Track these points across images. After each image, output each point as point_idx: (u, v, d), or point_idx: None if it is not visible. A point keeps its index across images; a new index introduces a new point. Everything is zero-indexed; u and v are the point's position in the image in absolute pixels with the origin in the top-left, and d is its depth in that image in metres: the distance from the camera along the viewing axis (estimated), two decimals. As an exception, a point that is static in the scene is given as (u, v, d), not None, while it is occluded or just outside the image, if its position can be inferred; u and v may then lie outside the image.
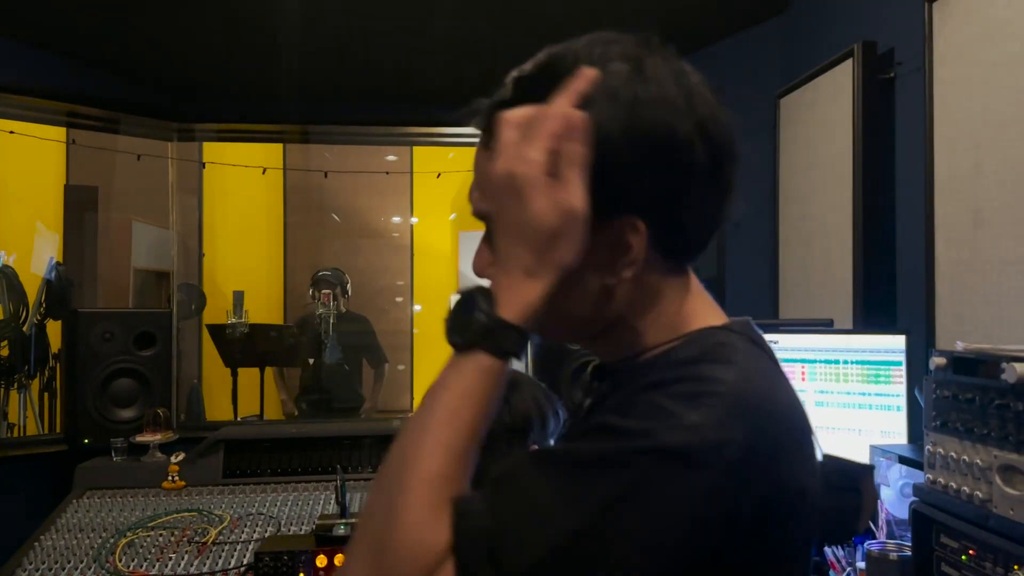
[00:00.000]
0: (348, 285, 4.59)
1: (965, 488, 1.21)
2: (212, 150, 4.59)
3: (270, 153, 5.92)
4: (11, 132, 3.12)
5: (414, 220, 6.46)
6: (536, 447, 1.36)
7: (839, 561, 1.69)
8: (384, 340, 5.06)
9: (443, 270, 6.47)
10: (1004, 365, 1.12)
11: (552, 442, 1.44)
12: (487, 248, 0.76)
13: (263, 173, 4.40)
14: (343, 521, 1.86)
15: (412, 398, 6.30)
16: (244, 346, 4.15)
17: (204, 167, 4.22)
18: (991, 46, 1.72)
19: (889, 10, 2.23)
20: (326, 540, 1.81)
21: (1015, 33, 1.65)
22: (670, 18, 2.94)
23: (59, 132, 3.77)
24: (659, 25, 2.72)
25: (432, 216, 6.47)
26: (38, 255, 4.43)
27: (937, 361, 1.29)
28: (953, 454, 1.24)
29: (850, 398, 1.86)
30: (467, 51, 3.17)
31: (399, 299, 6.39)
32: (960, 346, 1.28)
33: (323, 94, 3.57)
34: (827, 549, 1.73)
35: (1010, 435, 1.13)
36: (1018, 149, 1.64)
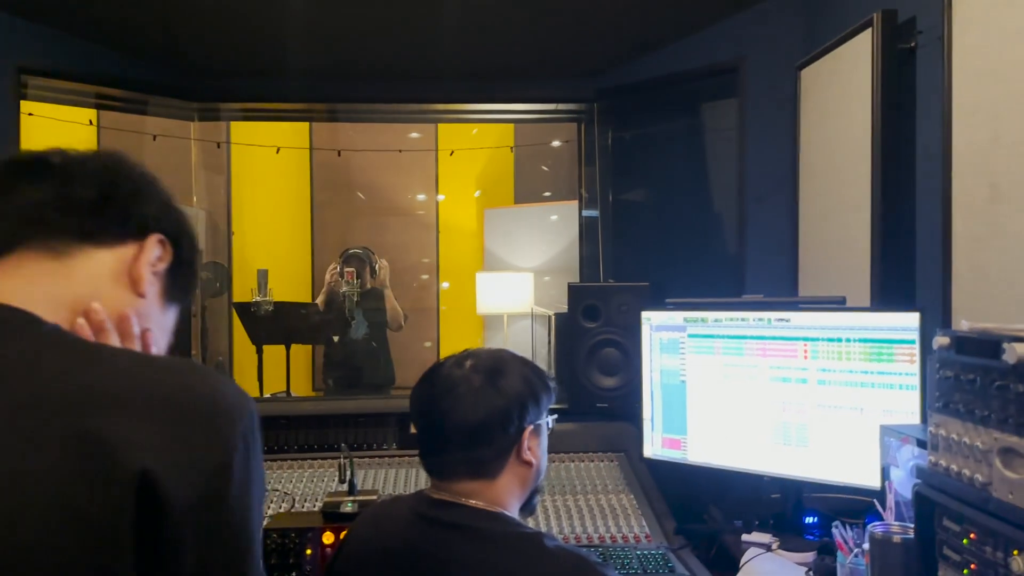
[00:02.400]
0: (377, 265, 4.61)
1: (966, 471, 1.18)
2: (239, 129, 4.63)
3: (297, 130, 5.96)
4: (29, 114, 3.16)
5: (440, 197, 6.46)
6: (533, 425, 1.37)
7: (846, 542, 1.67)
8: (410, 316, 5.08)
9: (468, 247, 6.47)
10: (1004, 345, 1.09)
11: (549, 419, 1.44)
12: None
13: (276, 152, 4.41)
14: (351, 499, 1.88)
15: (439, 375, 6.34)
16: (269, 324, 4.20)
17: (220, 147, 4.24)
18: (1012, 15, 1.66)
19: (911, -23, 2.17)
20: (333, 517, 1.84)
21: (1035, 0, 1.59)
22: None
23: (89, 114, 3.83)
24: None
25: (457, 193, 6.47)
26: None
27: (940, 340, 1.26)
28: (955, 436, 1.22)
29: (852, 376, 1.84)
30: (486, 29, 3.14)
31: (425, 276, 6.41)
32: (965, 326, 1.24)
33: (348, 72, 3.57)
34: (835, 530, 1.71)
35: (1010, 417, 1.10)
36: (1037, 120, 1.59)
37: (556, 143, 5.94)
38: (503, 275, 6.05)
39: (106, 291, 0.81)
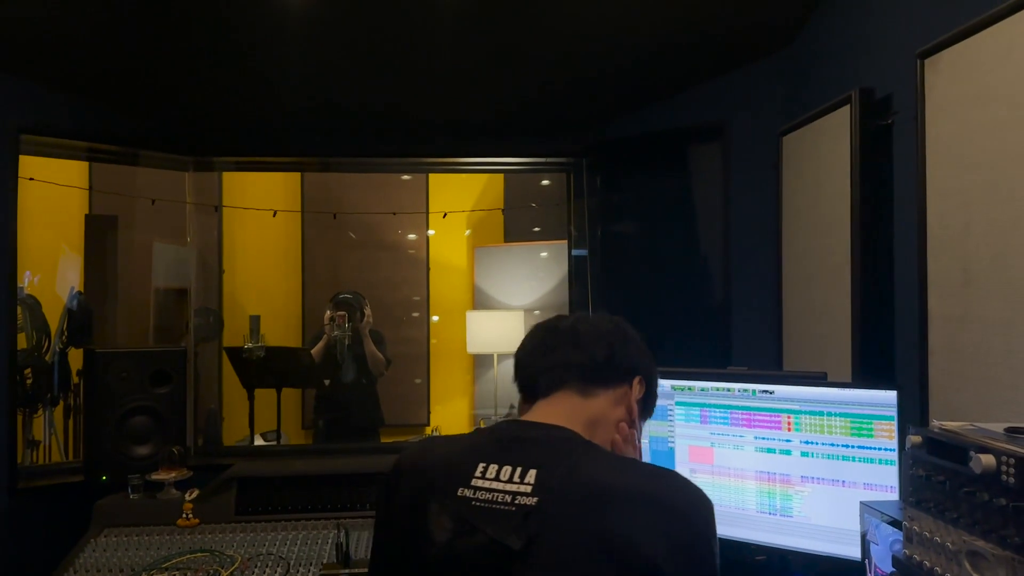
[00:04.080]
0: (367, 309, 4.65)
1: (938, 568, 1.24)
2: (230, 177, 4.68)
3: (289, 178, 6.03)
4: (30, 179, 3.20)
5: (430, 232, 6.51)
6: None
7: (828, 617, 1.72)
8: (401, 353, 5.10)
9: (459, 285, 6.53)
10: (971, 454, 1.15)
11: None
12: None
13: (274, 215, 4.46)
14: (347, 571, 1.92)
15: (428, 412, 6.38)
16: (261, 368, 4.23)
17: (217, 210, 4.27)
18: (981, 108, 1.74)
19: (887, 57, 2.25)
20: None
21: (1003, 98, 1.67)
22: (670, 52, 2.97)
23: (82, 168, 3.88)
24: (661, 59, 2.77)
25: (448, 231, 6.53)
26: (63, 277, 4.55)
27: (913, 439, 1.32)
28: (927, 533, 1.27)
29: (834, 449, 1.90)
30: (476, 87, 3.23)
31: (416, 314, 6.45)
32: (935, 425, 1.31)
33: (341, 127, 3.65)
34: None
35: (977, 523, 1.16)
36: (1005, 212, 1.66)
37: (546, 182, 6.04)
38: (493, 313, 6.10)
39: (611, 416, 1.24)
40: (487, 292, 6.38)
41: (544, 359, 1.26)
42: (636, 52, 2.95)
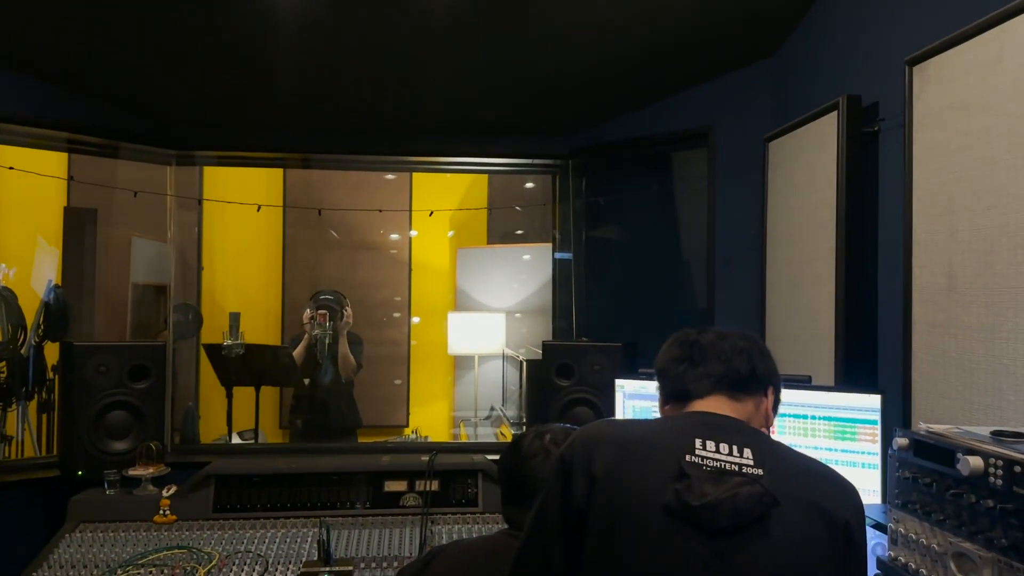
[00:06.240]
0: (348, 309, 4.61)
1: (923, 570, 1.25)
2: (211, 172, 4.64)
3: (271, 173, 5.99)
4: (10, 168, 3.16)
5: (413, 233, 6.49)
6: None
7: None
8: (381, 354, 5.06)
9: (441, 286, 6.51)
10: (959, 456, 1.16)
11: None
12: None
13: (258, 210, 4.42)
14: (327, 569, 1.90)
15: (408, 413, 6.35)
16: (240, 366, 4.18)
17: (201, 203, 4.23)
18: (967, 116, 1.76)
19: (874, 64, 2.27)
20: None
21: (989, 106, 1.69)
22: (658, 57, 2.97)
23: (61, 157, 3.83)
24: (649, 63, 2.76)
25: (431, 231, 6.51)
26: (39, 270, 4.48)
27: (900, 442, 1.33)
28: (913, 535, 1.28)
29: (817, 453, 1.91)
30: (463, 91, 3.22)
31: (397, 315, 6.43)
32: (923, 428, 1.31)
33: (326, 125, 3.62)
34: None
35: (963, 524, 1.16)
36: (989, 219, 1.68)
37: (530, 185, 6.03)
38: (475, 315, 6.09)
39: (755, 419, 1.38)
40: (469, 294, 6.36)
41: (693, 371, 1.41)
42: (624, 57, 2.95)
